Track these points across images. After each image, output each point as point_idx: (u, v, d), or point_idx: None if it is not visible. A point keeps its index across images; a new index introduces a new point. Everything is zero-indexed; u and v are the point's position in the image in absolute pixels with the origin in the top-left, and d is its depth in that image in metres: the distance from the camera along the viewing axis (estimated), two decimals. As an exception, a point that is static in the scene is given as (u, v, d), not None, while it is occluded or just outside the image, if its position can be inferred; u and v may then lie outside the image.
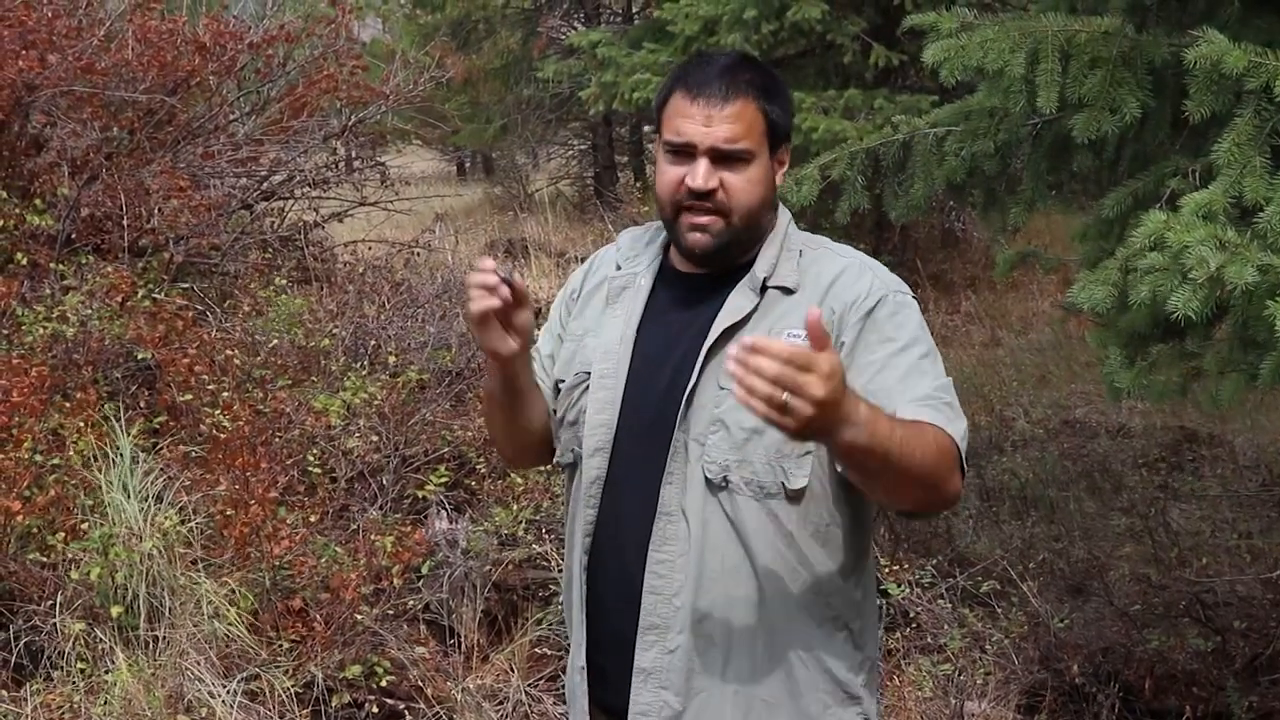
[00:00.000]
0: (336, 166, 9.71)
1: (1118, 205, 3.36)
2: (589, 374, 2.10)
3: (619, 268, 2.18)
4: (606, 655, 2.09)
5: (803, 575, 2.00)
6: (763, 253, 2.05)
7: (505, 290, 1.92)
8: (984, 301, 10.25)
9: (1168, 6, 3.38)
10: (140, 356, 5.17)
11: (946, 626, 4.34)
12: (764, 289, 2.02)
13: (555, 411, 2.17)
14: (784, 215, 2.11)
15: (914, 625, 4.40)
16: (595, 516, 2.08)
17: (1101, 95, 3.14)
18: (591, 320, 2.16)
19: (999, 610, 4.49)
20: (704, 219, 1.99)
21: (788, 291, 2.02)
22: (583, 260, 2.39)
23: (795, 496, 1.97)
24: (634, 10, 16.43)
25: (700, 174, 1.97)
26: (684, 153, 1.99)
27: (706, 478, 1.98)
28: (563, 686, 4.11)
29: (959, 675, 4.02)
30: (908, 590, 4.45)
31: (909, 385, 1.92)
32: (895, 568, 4.52)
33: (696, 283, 2.08)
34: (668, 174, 2.02)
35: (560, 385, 2.16)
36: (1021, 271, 9.48)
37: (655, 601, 2.01)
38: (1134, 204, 3.31)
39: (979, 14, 3.44)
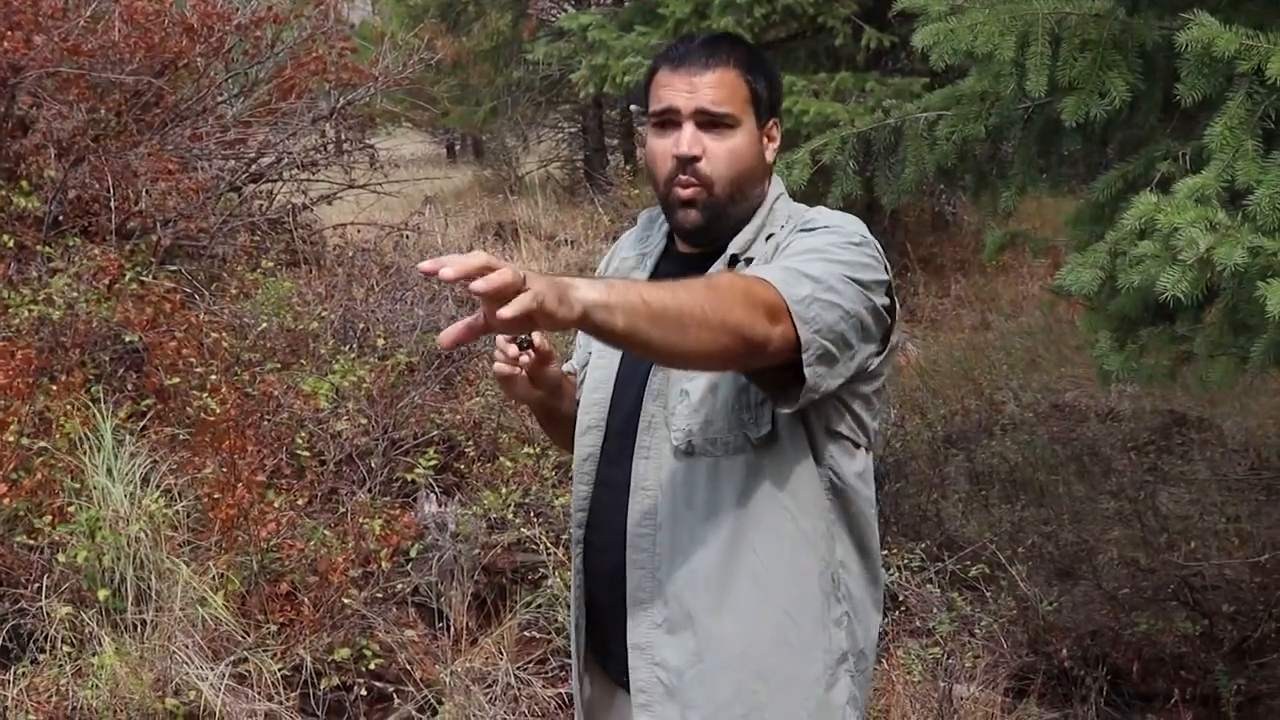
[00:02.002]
0: (325, 149, 9.65)
1: (1108, 188, 3.35)
2: (591, 354, 2.16)
3: (633, 250, 2.21)
4: (608, 629, 2.09)
5: (789, 529, 1.96)
6: (742, 233, 2.05)
7: (525, 359, 2.03)
8: (974, 285, 10.24)
9: (1159, -11, 3.37)
10: (128, 339, 5.15)
11: (935, 610, 4.35)
12: (733, 263, 2.03)
13: None
14: (773, 192, 2.10)
15: (903, 609, 4.41)
16: (589, 493, 2.10)
17: (1091, 78, 3.14)
18: None
19: (988, 594, 4.49)
20: (688, 192, 1.99)
21: (749, 261, 2.02)
22: (573, 244, 2.40)
23: (764, 445, 1.94)
24: (624, -8, 16.38)
25: (685, 138, 1.98)
26: (670, 122, 2.00)
27: (674, 446, 1.98)
28: (551, 670, 4.12)
29: (948, 659, 4.02)
30: (896, 574, 4.46)
31: (779, 262, 1.89)
32: (884, 552, 4.49)
33: (690, 263, 2.08)
34: (656, 147, 2.03)
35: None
36: (1011, 255, 9.47)
37: (639, 576, 2.00)
38: (1124, 187, 3.31)
39: (970, -5, 3.43)
